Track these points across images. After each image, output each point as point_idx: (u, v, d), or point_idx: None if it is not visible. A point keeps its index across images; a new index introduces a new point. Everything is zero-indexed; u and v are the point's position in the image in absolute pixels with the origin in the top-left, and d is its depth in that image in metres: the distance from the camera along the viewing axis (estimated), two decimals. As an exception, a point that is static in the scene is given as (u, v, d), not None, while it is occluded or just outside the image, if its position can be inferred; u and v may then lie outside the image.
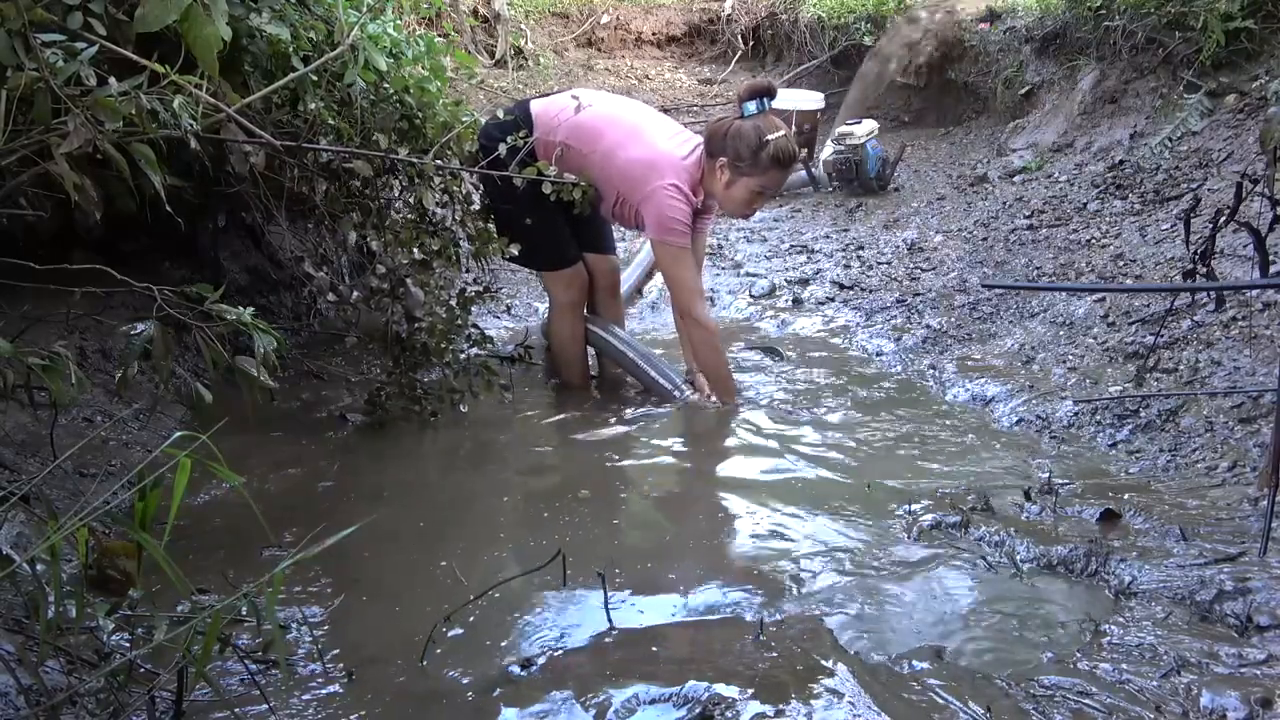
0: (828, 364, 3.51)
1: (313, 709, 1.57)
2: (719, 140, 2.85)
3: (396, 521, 2.28)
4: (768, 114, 2.84)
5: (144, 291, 1.99)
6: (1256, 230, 2.50)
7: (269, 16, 2.40)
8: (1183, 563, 1.96)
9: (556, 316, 3.20)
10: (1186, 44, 4.68)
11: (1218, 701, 1.54)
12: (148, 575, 1.67)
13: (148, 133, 1.81)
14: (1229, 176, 3.76)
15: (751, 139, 2.79)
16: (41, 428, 2.18)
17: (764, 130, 2.79)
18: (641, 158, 2.88)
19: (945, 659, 1.72)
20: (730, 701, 1.54)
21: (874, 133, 5.60)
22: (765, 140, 2.78)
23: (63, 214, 2.50)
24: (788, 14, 8.10)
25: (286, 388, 2.95)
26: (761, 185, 2.86)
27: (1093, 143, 5.02)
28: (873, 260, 4.52)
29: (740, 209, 2.97)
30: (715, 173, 2.87)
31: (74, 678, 1.46)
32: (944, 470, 2.55)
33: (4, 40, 1.60)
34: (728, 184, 2.87)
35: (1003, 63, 6.02)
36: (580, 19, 9.05)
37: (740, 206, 2.95)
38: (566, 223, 3.02)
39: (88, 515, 1.34)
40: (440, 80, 2.89)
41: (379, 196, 2.80)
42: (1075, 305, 3.47)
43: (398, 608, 1.91)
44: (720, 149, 2.84)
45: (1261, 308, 2.99)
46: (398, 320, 2.80)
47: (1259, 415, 2.54)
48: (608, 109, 3.00)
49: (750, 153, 2.80)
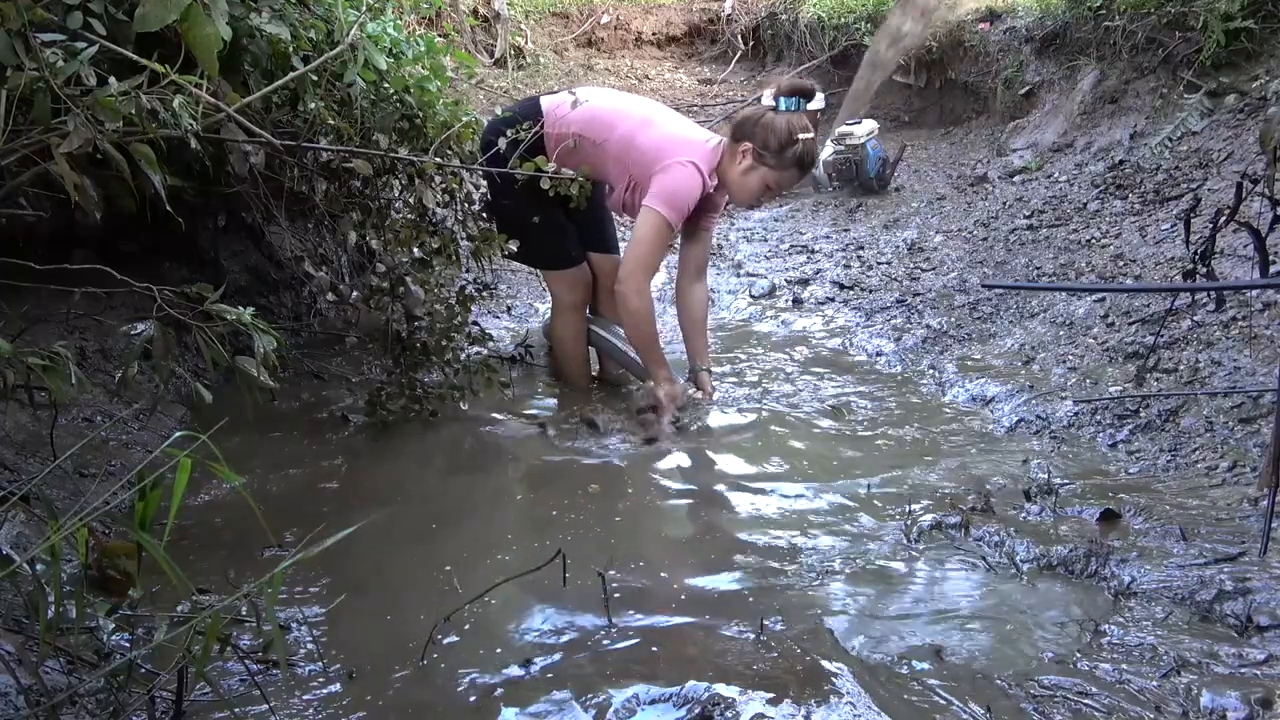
0: (827, 364, 3.51)
1: (313, 709, 1.57)
2: (750, 125, 2.83)
3: (397, 521, 2.28)
4: (803, 114, 2.83)
5: (144, 291, 1.99)
6: (1256, 230, 2.50)
7: (269, 16, 2.40)
8: (1183, 563, 1.96)
9: (559, 316, 3.20)
10: (1186, 44, 4.68)
11: (1218, 701, 1.54)
12: (148, 575, 1.67)
13: (148, 133, 1.81)
14: (1229, 176, 3.76)
15: (783, 133, 2.79)
16: (41, 428, 2.18)
17: (796, 129, 2.79)
18: (662, 138, 2.87)
19: (945, 659, 1.72)
20: (730, 701, 1.54)
21: (874, 133, 5.60)
22: (796, 138, 2.79)
23: (63, 214, 2.50)
24: (788, 14, 8.10)
25: (287, 388, 2.95)
26: (777, 181, 2.86)
27: (1093, 143, 5.02)
28: (873, 260, 4.52)
29: (748, 198, 2.95)
30: (736, 157, 2.85)
31: (74, 678, 1.46)
32: (944, 470, 2.55)
33: (4, 40, 1.60)
34: (745, 170, 2.85)
35: (1003, 63, 6.02)
36: (580, 19, 9.05)
37: (749, 196, 2.93)
38: (570, 221, 3.01)
39: (88, 515, 1.34)
40: (440, 80, 2.89)
41: (379, 196, 2.80)
42: (1075, 305, 3.47)
43: (398, 608, 1.91)
44: (749, 134, 2.83)
45: (1261, 308, 2.99)
46: (398, 319, 2.80)
47: (1259, 415, 2.54)
48: (619, 102, 3.00)
49: (778, 146, 2.80)
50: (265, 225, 3.38)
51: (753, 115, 2.85)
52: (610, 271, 3.22)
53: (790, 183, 2.92)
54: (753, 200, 2.98)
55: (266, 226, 3.39)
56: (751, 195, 2.93)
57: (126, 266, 2.10)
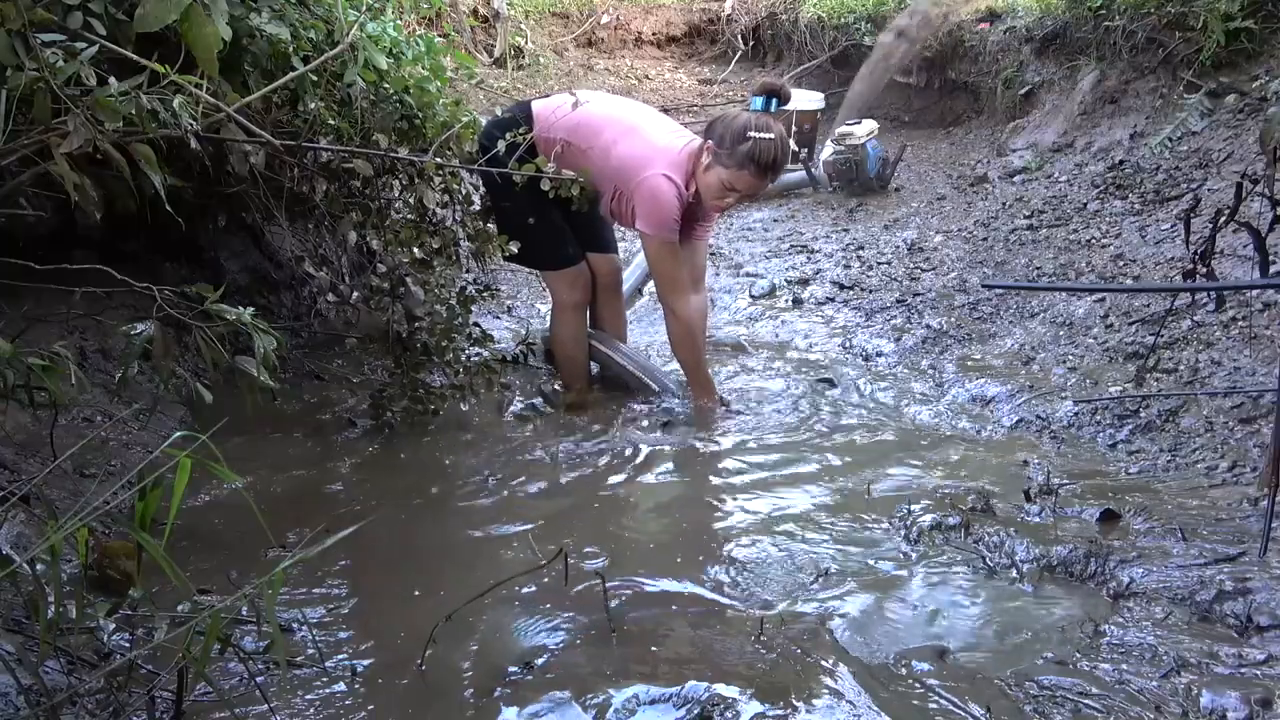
0: (827, 364, 3.51)
1: (314, 709, 1.57)
2: (715, 123, 2.84)
3: (397, 522, 2.28)
4: (770, 115, 2.80)
5: (144, 291, 1.99)
6: (1256, 230, 2.50)
7: (269, 16, 2.40)
8: (1183, 563, 1.96)
9: (559, 316, 3.19)
10: (1186, 44, 4.68)
11: (1218, 701, 1.54)
12: (148, 575, 1.67)
13: (148, 133, 1.81)
14: (1229, 176, 3.76)
15: (737, 130, 2.74)
16: (41, 428, 2.18)
17: (752, 127, 2.73)
18: (636, 151, 2.87)
19: (945, 659, 1.72)
20: (730, 701, 1.54)
21: (874, 133, 5.60)
22: (748, 136, 2.72)
23: (63, 214, 2.50)
24: (788, 14, 8.09)
25: (287, 388, 2.95)
26: (731, 181, 2.77)
27: (1093, 143, 5.02)
28: (873, 260, 4.52)
29: (710, 197, 2.86)
30: (702, 155, 2.84)
31: (74, 678, 1.46)
32: (944, 470, 2.55)
33: (4, 40, 1.60)
34: (705, 168, 2.82)
35: (1003, 63, 6.01)
36: (580, 19, 9.04)
37: (710, 195, 2.85)
38: (568, 222, 3.02)
39: (88, 515, 1.34)
40: (440, 80, 2.89)
41: (379, 196, 2.80)
42: (1075, 305, 3.47)
43: (398, 608, 1.91)
44: (710, 132, 2.83)
45: (1261, 308, 2.99)
46: (398, 320, 2.80)
47: (1259, 415, 2.54)
48: (607, 107, 2.99)
49: (730, 143, 2.75)
50: (265, 225, 3.37)
51: (723, 114, 2.86)
52: (608, 272, 3.23)
53: (746, 183, 2.79)
54: (715, 200, 2.86)
55: (266, 226, 3.39)
56: (711, 194, 2.84)
57: (126, 266, 2.10)
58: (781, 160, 2.80)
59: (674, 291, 3.00)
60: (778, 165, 2.80)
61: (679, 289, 3.00)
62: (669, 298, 3.02)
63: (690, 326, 3.02)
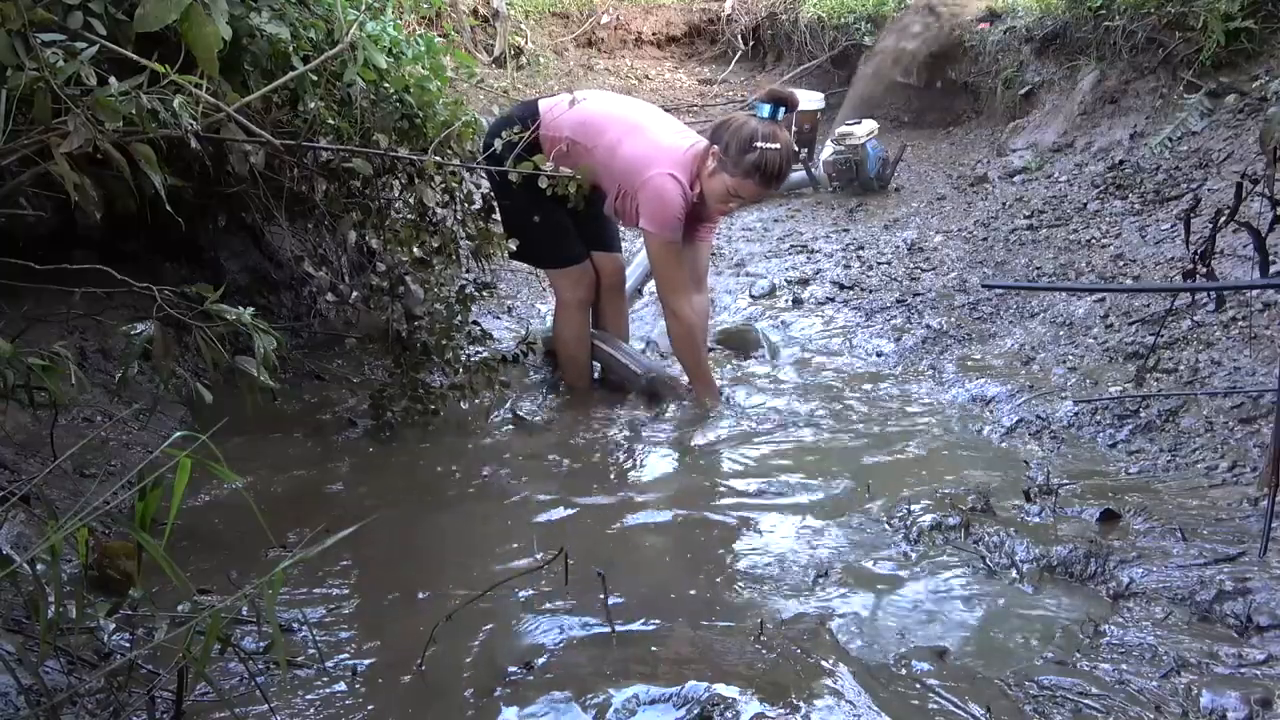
0: (827, 364, 3.51)
1: (314, 709, 1.57)
2: (721, 129, 2.84)
3: (397, 522, 2.28)
4: (776, 124, 2.79)
5: (144, 291, 1.99)
6: (1256, 230, 2.50)
7: (269, 16, 2.40)
8: (1183, 563, 1.96)
9: (561, 314, 3.19)
10: (1186, 44, 4.67)
11: (1218, 701, 1.54)
12: (148, 575, 1.67)
13: (148, 133, 1.81)
14: (1229, 176, 3.76)
15: (744, 138, 2.75)
16: (41, 428, 2.18)
17: (760, 135, 2.74)
18: (641, 150, 2.87)
19: (945, 659, 1.72)
20: (730, 701, 1.54)
21: (874, 133, 5.60)
22: (755, 145, 2.73)
23: (63, 214, 2.50)
24: (788, 14, 8.09)
25: (287, 388, 2.95)
26: (735, 188, 2.80)
27: (1093, 143, 5.01)
28: (873, 260, 4.52)
29: (714, 201, 2.90)
30: (708, 160, 2.84)
31: (74, 678, 1.46)
32: (943, 470, 2.55)
33: (4, 40, 1.60)
34: (711, 173, 2.83)
35: (1003, 63, 6.01)
36: (580, 19, 9.04)
37: (714, 199, 2.89)
38: (573, 220, 3.02)
39: (88, 515, 1.34)
40: (440, 80, 2.89)
41: (379, 196, 2.80)
42: (1075, 305, 3.47)
43: (398, 608, 1.91)
44: (717, 137, 2.83)
45: (1261, 308, 2.99)
46: (398, 319, 2.80)
47: (1259, 415, 2.54)
48: (612, 106, 3.00)
49: (737, 151, 2.76)
50: (265, 225, 3.37)
51: (731, 119, 2.86)
52: (612, 271, 3.23)
53: (750, 191, 2.82)
54: (718, 204, 2.91)
55: (266, 226, 3.39)
56: (715, 199, 2.88)
57: (126, 266, 2.10)
58: (786, 170, 2.84)
59: (674, 291, 3.01)
60: (783, 176, 2.84)
61: (680, 289, 3.00)
62: (669, 298, 3.02)
63: (690, 327, 3.03)
